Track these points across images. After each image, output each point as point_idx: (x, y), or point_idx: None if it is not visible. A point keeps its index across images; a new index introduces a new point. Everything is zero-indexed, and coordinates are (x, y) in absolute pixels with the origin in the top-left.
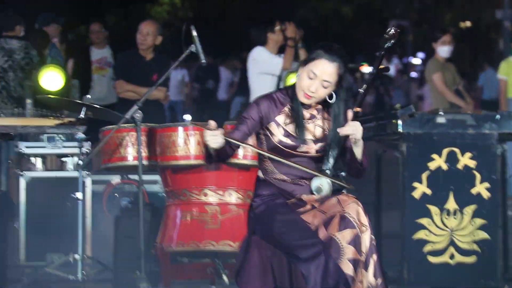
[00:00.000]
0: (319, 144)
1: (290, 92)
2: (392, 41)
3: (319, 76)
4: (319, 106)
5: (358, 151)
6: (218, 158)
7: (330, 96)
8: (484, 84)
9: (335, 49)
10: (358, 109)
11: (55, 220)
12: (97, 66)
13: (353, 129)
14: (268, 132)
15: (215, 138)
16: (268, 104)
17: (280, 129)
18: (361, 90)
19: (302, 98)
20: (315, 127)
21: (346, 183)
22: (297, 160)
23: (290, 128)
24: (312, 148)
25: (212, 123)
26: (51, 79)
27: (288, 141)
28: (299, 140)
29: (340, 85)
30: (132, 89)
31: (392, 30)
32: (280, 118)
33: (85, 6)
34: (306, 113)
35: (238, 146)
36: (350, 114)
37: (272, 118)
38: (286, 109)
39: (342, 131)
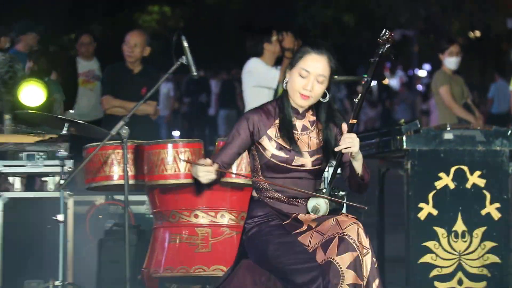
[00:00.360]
0: (316, 157)
1: (280, 102)
2: (387, 45)
3: (312, 72)
4: (313, 118)
5: (357, 165)
6: (207, 186)
7: (324, 95)
8: (495, 96)
9: (320, 43)
10: (354, 121)
11: (34, 243)
12: (83, 79)
13: (349, 143)
14: (260, 148)
15: (208, 175)
16: (258, 118)
17: (272, 142)
18: (356, 100)
19: (299, 101)
20: (310, 138)
21: (359, 205)
22: (295, 174)
23: (283, 141)
24: (308, 161)
25: (208, 161)
26: (32, 94)
27: (281, 154)
28: (293, 153)
29: (331, 82)
30: (119, 104)
31: (386, 34)
32: (272, 132)
33: (68, 15)
34: (299, 124)
35: (229, 165)
36: (344, 126)
37: (263, 132)
38: (278, 121)
39: (338, 148)
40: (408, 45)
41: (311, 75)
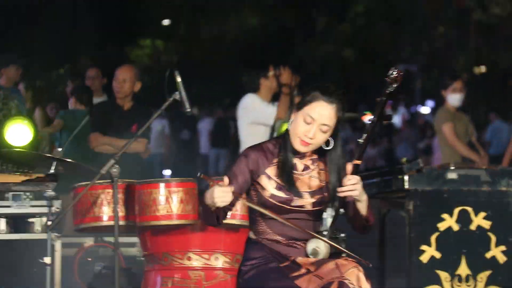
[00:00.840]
0: (316, 197)
1: (281, 141)
2: (395, 85)
3: (317, 120)
4: (314, 156)
5: (362, 206)
6: (216, 220)
7: (327, 143)
8: (493, 137)
9: (332, 89)
10: (358, 162)
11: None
12: None
13: (352, 186)
14: (258, 187)
15: (224, 196)
16: (257, 156)
17: (271, 182)
18: (360, 141)
19: (298, 146)
20: (310, 178)
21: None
22: (293, 216)
23: (282, 180)
24: (308, 202)
25: (226, 179)
26: (18, 132)
27: (281, 194)
28: (293, 193)
29: (338, 130)
30: (108, 142)
31: (395, 73)
32: (271, 171)
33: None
34: (300, 164)
35: (231, 207)
36: (349, 167)
37: (262, 171)
38: (277, 160)
39: (341, 192)
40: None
41: (316, 123)
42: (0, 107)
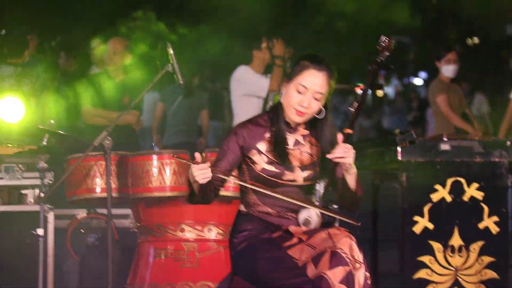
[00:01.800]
0: (307, 172)
1: (273, 114)
2: (386, 53)
3: (310, 89)
4: (305, 132)
5: (351, 179)
6: (201, 198)
7: (319, 112)
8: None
9: (320, 57)
10: (350, 131)
11: (13, 259)
12: None
13: (344, 152)
14: (249, 161)
15: (204, 173)
16: (247, 132)
17: (262, 156)
18: (351, 109)
19: (294, 117)
20: (302, 153)
21: (352, 219)
22: (284, 189)
23: (274, 155)
24: (299, 176)
25: (198, 156)
26: (10, 108)
27: (272, 168)
28: (284, 167)
29: (328, 99)
30: (100, 114)
31: (386, 40)
32: (262, 145)
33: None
34: (292, 139)
35: (222, 183)
36: (340, 136)
37: (253, 145)
38: (269, 135)
39: (332, 155)
40: (404, 52)
41: (309, 91)
42: (12, 82)
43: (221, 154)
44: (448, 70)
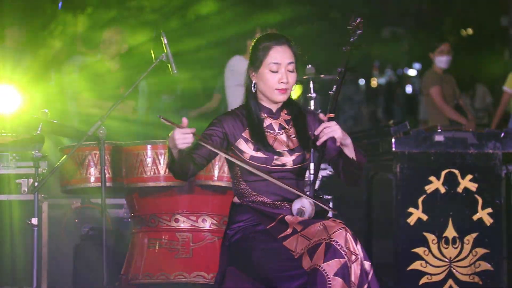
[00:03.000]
0: (296, 154)
1: (246, 107)
2: (358, 31)
3: (282, 63)
4: (288, 117)
5: (349, 150)
6: (179, 168)
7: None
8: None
9: (275, 33)
10: (331, 115)
11: (7, 248)
12: None
13: (329, 131)
14: (237, 151)
15: (185, 138)
16: (231, 121)
17: (249, 144)
18: (331, 93)
19: (278, 97)
20: (289, 137)
21: (331, 207)
22: (276, 175)
23: (257, 143)
24: (288, 160)
25: (185, 121)
26: (5, 96)
27: (260, 155)
28: (272, 153)
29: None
30: (94, 103)
31: (356, 19)
32: (247, 134)
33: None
34: (276, 124)
35: (203, 158)
36: (322, 115)
37: (238, 135)
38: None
39: (320, 141)
40: (398, 43)
41: (282, 66)
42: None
43: (205, 138)
44: (441, 61)
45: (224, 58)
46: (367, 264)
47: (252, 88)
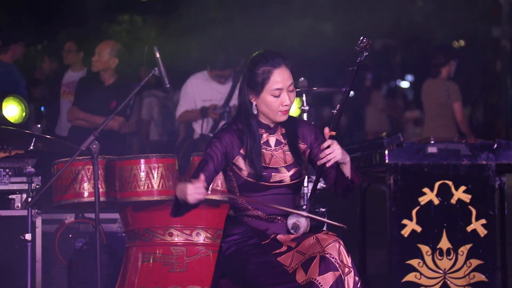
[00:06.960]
0: (293, 170)
1: (246, 124)
2: (365, 53)
3: (284, 86)
4: (283, 130)
5: (346, 168)
6: (186, 211)
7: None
8: None
9: (272, 54)
10: (333, 133)
11: (1, 264)
12: (65, 90)
13: (332, 157)
14: (235, 168)
15: (198, 194)
16: (230, 138)
17: (247, 161)
18: (334, 111)
19: (280, 118)
20: (285, 153)
21: (338, 223)
22: (273, 191)
23: (253, 170)
24: (286, 176)
25: (202, 176)
26: (10, 112)
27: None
28: (269, 170)
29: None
30: (83, 117)
31: (364, 41)
32: (245, 150)
33: (34, 25)
34: (273, 140)
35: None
36: (326, 130)
37: (236, 152)
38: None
39: (320, 161)
40: (390, 55)
41: (284, 90)
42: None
43: (205, 159)
44: (452, 74)
45: None
46: (356, 279)
47: (254, 111)
